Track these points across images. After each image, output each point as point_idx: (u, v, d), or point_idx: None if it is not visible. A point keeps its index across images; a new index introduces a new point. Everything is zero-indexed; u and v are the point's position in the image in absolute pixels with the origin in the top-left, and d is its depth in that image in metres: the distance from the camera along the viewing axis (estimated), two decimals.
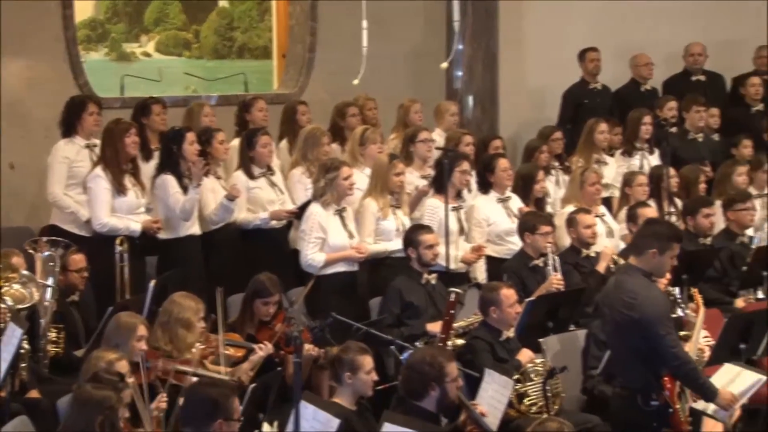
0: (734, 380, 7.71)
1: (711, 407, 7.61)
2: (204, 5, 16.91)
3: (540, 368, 8.23)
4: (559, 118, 13.10)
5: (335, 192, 9.37)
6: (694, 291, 9.08)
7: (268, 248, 9.88)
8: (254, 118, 10.98)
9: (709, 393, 7.42)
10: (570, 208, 10.42)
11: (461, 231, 9.96)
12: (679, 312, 9.14)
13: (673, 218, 10.83)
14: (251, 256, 9.74)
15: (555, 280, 9.38)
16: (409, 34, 13.28)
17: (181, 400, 6.59)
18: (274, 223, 10.05)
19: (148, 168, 9.87)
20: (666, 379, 7.31)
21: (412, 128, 10.98)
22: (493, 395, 7.66)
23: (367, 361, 7.32)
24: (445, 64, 10.85)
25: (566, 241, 10.17)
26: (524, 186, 10.57)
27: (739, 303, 10.28)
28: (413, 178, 10.39)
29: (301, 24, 13.15)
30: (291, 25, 13.41)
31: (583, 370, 8.73)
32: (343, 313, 8.49)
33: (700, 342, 8.47)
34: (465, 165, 10.01)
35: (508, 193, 10.41)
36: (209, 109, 10.90)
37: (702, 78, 13.59)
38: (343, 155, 10.64)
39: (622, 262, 9.12)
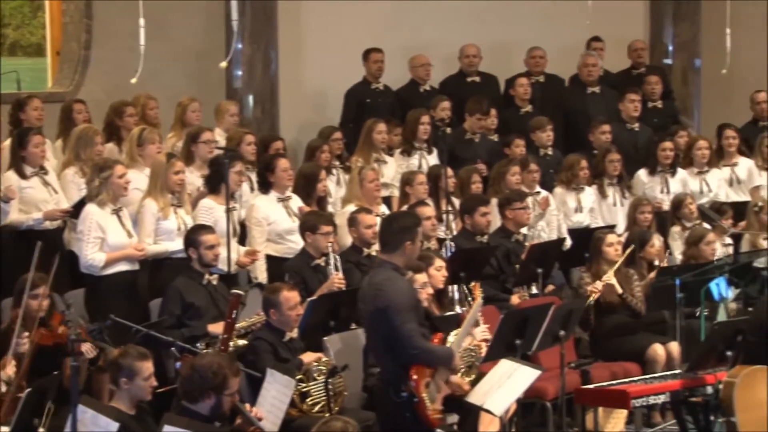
0: (511, 375, 7.87)
1: (486, 402, 7.75)
2: None
3: (323, 367, 8.26)
4: (342, 118, 13.17)
5: (110, 191, 9.25)
6: (474, 285, 9.23)
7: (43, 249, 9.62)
8: (29, 117, 10.73)
9: (447, 359, 7.59)
10: (351, 207, 10.48)
11: (235, 232, 9.91)
12: (458, 309, 9.31)
13: (451, 217, 11.02)
14: (25, 257, 9.46)
15: (336, 279, 9.43)
16: (188, 33, 13.15)
17: None
18: (47, 223, 9.82)
19: None
20: (413, 369, 7.42)
21: (195, 128, 10.88)
22: (276, 395, 7.64)
23: (146, 367, 7.20)
24: (224, 64, 10.80)
25: (348, 240, 10.24)
26: (307, 185, 10.59)
27: (515, 299, 10.52)
28: (194, 178, 10.30)
29: (75, 22, 12.88)
30: (65, 22, 13.12)
31: (364, 368, 8.80)
32: (124, 314, 8.36)
33: (476, 335, 8.61)
34: (239, 166, 9.97)
35: (289, 192, 10.41)
36: None
37: (477, 79, 13.85)
38: (121, 155, 10.48)
39: None
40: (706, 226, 11.60)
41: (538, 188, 11.94)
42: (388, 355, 7.47)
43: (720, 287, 10.08)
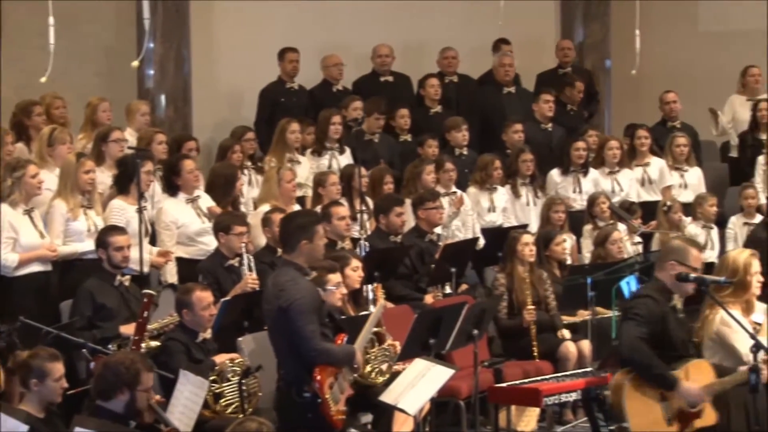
0: (425, 374, 7.90)
1: (400, 401, 7.77)
2: None
3: (236, 368, 8.22)
4: (256, 118, 13.12)
5: (23, 191, 9.16)
6: (377, 286, 9.22)
7: None
8: None
9: (348, 358, 7.58)
10: (265, 207, 10.45)
11: (147, 233, 9.84)
12: (372, 309, 9.30)
13: (365, 216, 11.02)
14: None
15: (250, 280, 9.38)
16: (99, 32, 13.02)
17: None
18: None
19: None
20: (317, 370, 7.41)
21: (105, 127, 10.77)
22: (189, 396, 7.60)
23: (56, 369, 7.12)
24: (135, 63, 10.71)
25: (262, 240, 10.20)
26: (226, 186, 10.53)
27: (428, 299, 10.55)
28: (105, 178, 10.20)
29: None
30: None
31: (278, 369, 8.76)
32: (35, 315, 8.26)
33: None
34: (149, 165, 9.90)
35: (197, 192, 10.34)
36: None
37: (390, 79, 13.88)
38: (30, 155, 10.34)
39: None
40: (621, 225, 11.73)
41: (454, 188, 11.99)
42: (290, 355, 7.45)
43: (630, 286, 10.20)
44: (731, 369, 7.35)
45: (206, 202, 10.34)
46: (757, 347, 7.02)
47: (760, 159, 13.09)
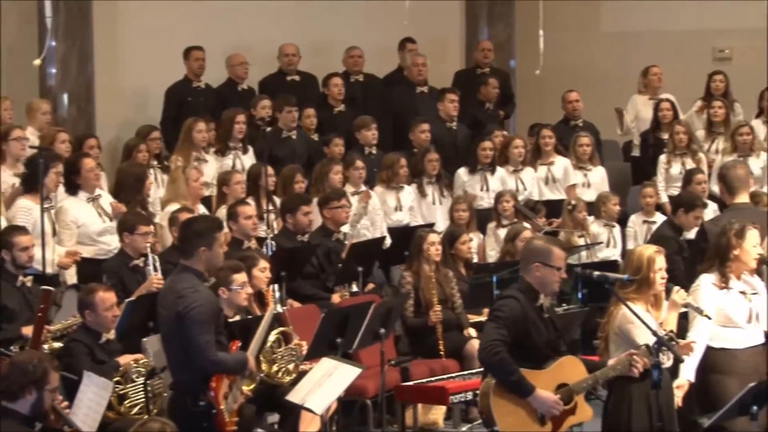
0: (332, 374, 7.90)
1: (307, 400, 7.76)
2: None
3: (141, 368, 8.15)
4: (162, 117, 13.03)
5: None
6: (267, 290, 9.14)
7: None
8: None
9: (241, 366, 7.53)
10: (172, 207, 10.38)
11: (54, 232, 9.72)
12: (279, 308, 9.29)
13: (272, 216, 10.99)
14: None
15: (155, 280, 9.29)
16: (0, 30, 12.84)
17: None
18: None
19: None
20: (213, 380, 7.36)
21: (5, 126, 10.63)
22: (93, 398, 7.52)
23: None
24: (37, 61, 10.60)
25: (169, 240, 10.12)
26: (136, 185, 10.43)
27: (336, 298, 10.55)
28: (7, 177, 10.07)
29: None
30: None
31: (172, 375, 8.68)
32: None
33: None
34: (60, 166, 9.78)
35: (98, 191, 10.24)
36: None
37: (296, 78, 13.86)
38: None
39: None
40: (526, 224, 11.83)
41: (363, 187, 12.02)
42: (185, 362, 7.34)
43: None
44: (602, 364, 7.46)
45: (107, 200, 10.24)
46: (659, 344, 7.13)
47: (662, 158, 13.28)
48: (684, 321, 7.78)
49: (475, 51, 15.02)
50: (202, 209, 10.84)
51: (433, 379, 9.46)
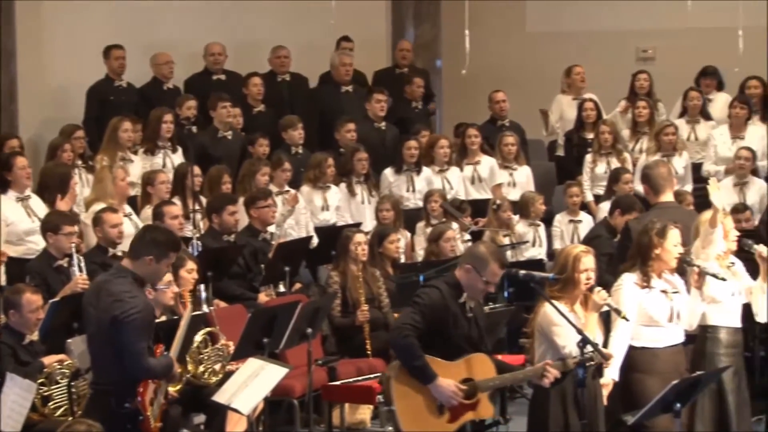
0: (258, 374, 7.88)
1: (234, 401, 7.74)
2: None
3: (65, 370, 8.08)
4: (85, 116, 12.91)
5: None
6: (184, 291, 9.11)
7: None
8: None
9: (168, 371, 7.47)
10: (96, 206, 10.29)
11: None
12: (205, 309, 9.26)
13: (198, 216, 10.95)
14: None
15: (80, 281, 9.22)
16: None
17: None
18: None
19: None
20: (141, 385, 7.31)
21: None
22: (16, 399, 7.44)
23: None
24: None
25: (94, 240, 10.04)
26: (60, 185, 10.34)
27: (262, 298, 10.53)
28: None
29: None
30: None
31: (94, 375, 8.61)
32: None
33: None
34: None
35: (28, 191, 10.14)
36: None
37: (222, 77, 13.81)
38: None
39: None
40: (454, 224, 11.87)
41: (286, 186, 12.00)
42: (114, 365, 7.25)
43: None
44: (514, 367, 7.55)
45: (37, 202, 10.14)
46: (583, 342, 7.19)
47: (588, 157, 13.39)
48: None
49: (394, 50, 15.05)
50: (128, 209, 10.77)
51: (360, 378, 9.47)
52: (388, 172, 12.90)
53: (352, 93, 14.07)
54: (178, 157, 12.12)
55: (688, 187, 12.79)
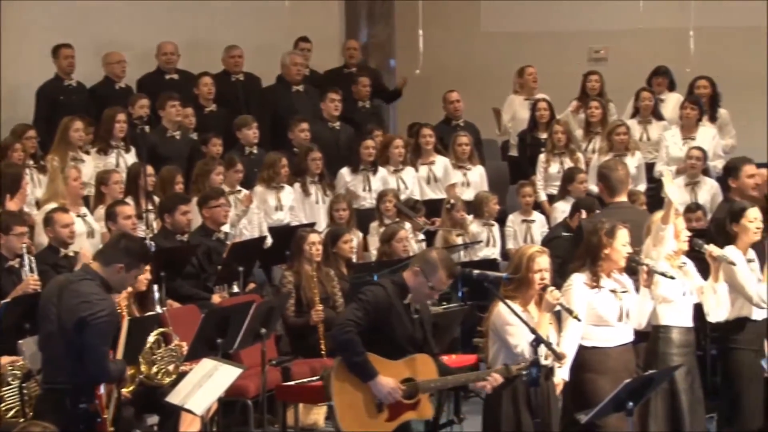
0: (212, 374, 7.85)
1: (187, 402, 7.71)
2: None
3: (17, 371, 8.02)
4: (35, 116, 12.82)
5: None
6: (120, 297, 9.03)
7: None
8: None
9: (122, 374, 7.48)
10: (48, 207, 10.23)
11: None
12: (158, 309, 9.22)
13: (151, 216, 10.90)
14: None
15: (32, 281, 9.16)
16: None
17: None
18: None
19: None
20: (100, 388, 7.26)
21: None
22: None
23: None
24: None
25: (45, 240, 9.97)
26: (12, 185, 10.25)
27: (216, 298, 10.50)
28: None
29: None
30: None
31: (46, 373, 8.55)
32: None
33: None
34: None
35: None
36: None
37: (175, 77, 13.75)
38: None
39: None
40: (407, 224, 11.89)
41: (238, 186, 11.97)
42: (74, 364, 7.20)
43: None
44: (455, 370, 7.59)
45: None
46: (537, 342, 7.22)
47: (541, 157, 13.45)
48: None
49: (343, 50, 15.05)
50: (83, 210, 10.72)
51: (314, 378, 9.42)
52: (345, 172, 12.90)
53: (304, 93, 14.05)
54: (131, 157, 12.06)
55: (642, 187, 12.87)
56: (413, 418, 7.48)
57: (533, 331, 7.27)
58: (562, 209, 12.20)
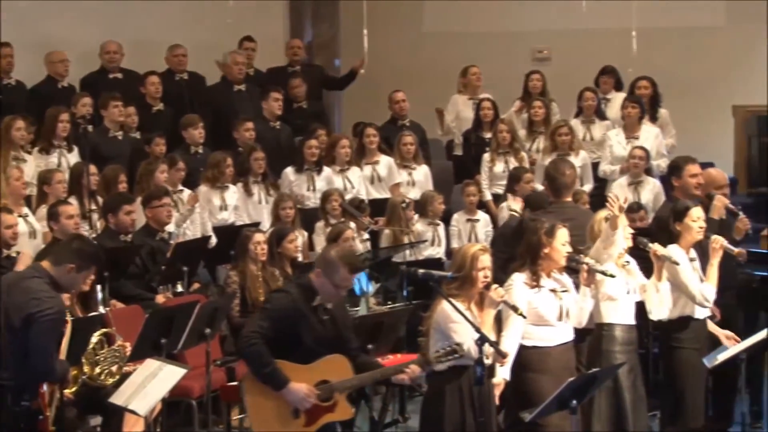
0: (156, 375, 7.82)
1: (131, 402, 7.67)
2: None
3: None
4: None
5: None
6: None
7: None
8: None
9: (65, 374, 7.47)
10: None
11: None
12: (101, 309, 9.16)
13: (95, 216, 10.83)
14: None
15: None
16: None
17: None
18: None
19: None
20: (44, 386, 7.23)
21: None
22: None
23: None
24: None
25: None
26: None
27: (160, 298, 10.44)
28: None
29: None
30: None
31: None
32: None
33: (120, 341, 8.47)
34: None
35: None
36: None
37: (119, 76, 13.67)
38: None
39: None
40: (352, 224, 11.88)
41: (180, 186, 11.92)
42: (18, 361, 7.16)
43: (361, 282, 10.35)
44: (374, 365, 7.61)
45: None
46: (481, 340, 7.24)
47: (486, 156, 13.49)
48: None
49: (286, 49, 15.02)
50: (25, 210, 10.63)
51: None
52: (289, 171, 12.87)
53: (245, 92, 14.01)
54: (73, 157, 11.98)
55: (587, 187, 12.95)
56: (333, 419, 7.48)
57: (477, 329, 7.29)
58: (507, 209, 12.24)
